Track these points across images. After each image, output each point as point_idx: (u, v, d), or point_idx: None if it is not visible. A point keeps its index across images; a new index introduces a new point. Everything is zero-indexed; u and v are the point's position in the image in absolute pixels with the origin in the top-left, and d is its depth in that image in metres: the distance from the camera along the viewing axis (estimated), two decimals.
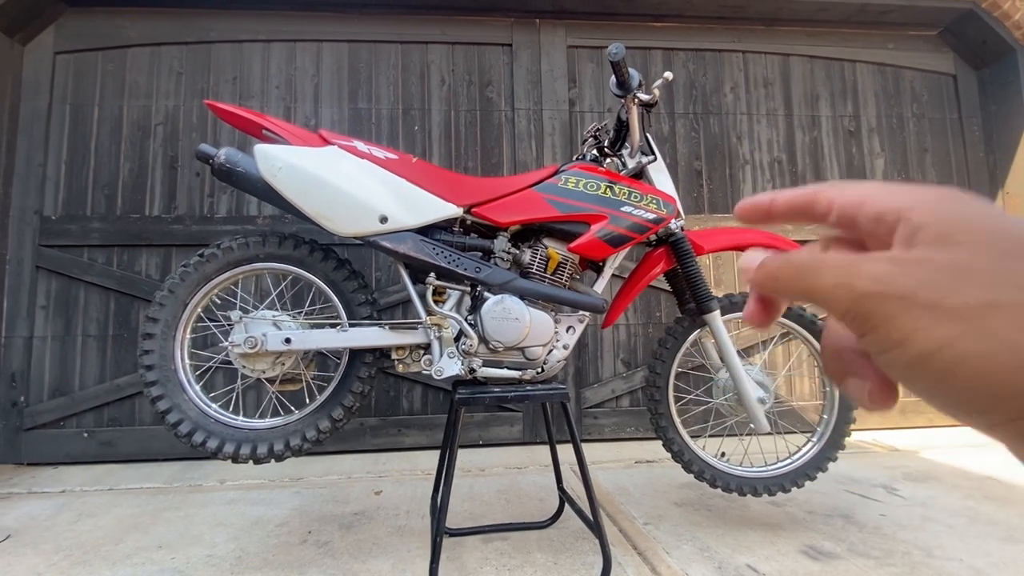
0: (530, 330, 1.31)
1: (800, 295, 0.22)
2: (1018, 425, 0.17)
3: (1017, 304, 0.16)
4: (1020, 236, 0.18)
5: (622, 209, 1.37)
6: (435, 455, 2.23)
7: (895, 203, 0.21)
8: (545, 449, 2.38)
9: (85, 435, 2.31)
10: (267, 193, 1.30)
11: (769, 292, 0.23)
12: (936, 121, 2.95)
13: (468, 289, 1.37)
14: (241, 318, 1.31)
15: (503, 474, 2.08)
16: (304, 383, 1.43)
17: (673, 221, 1.46)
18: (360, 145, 1.36)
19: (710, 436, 1.75)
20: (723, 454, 1.62)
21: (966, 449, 2.32)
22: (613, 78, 1.31)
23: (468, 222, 1.42)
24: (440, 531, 1.15)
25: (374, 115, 2.60)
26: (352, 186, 1.28)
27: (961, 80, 2.97)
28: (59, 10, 2.47)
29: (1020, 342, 0.16)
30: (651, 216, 1.38)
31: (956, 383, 0.17)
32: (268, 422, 1.36)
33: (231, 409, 1.38)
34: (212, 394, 1.41)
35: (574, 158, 1.53)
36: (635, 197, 1.38)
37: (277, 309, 1.40)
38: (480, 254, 1.39)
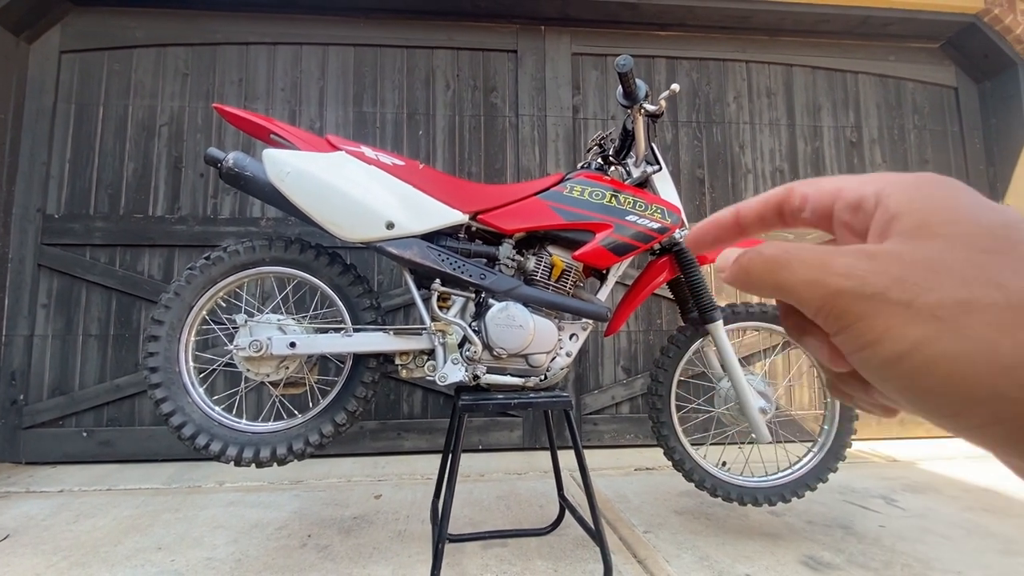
0: (534, 337, 1.32)
1: (771, 291, 0.20)
2: (994, 430, 0.16)
3: (994, 303, 0.16)
4: (998, 228, 0.17)
5: (627, 218, 1.37)
6: (435, 459, 2.23)
7: (872, 189, 0.20)
8: (544, 455, 2.39)
9: (84, 434, 2.30)
10: (274, 197, 1.31)
11: (742, 288, 0.22)
12: (937, 133, 2.97)
13: (473, 296, 1.37)
14: (246, 321, 1.31)
15: (503, 480, 2.08)
16: (307, 387, 1.43)
17: (677, 231, 1.46)
18: (367, 151, 1.37)
19: (711, 445, 1.76)
20: (724, 463, 1.62)
21: (965, 460, 2.32)
22: (620, 89, 1.31)
23: (473, 229, 1.42)
24: (443, 537, 1.15)
25: (379, 119, 2.61)
26: (359, 192, 1.29)
27: (962, 93, 2.99)
28: (65, 9, 2.47)
29: (996, 343, 0.15)
30: (656, 225, 1.39)
31: (930, 385, 0.16)
32: (271, 425, 1.36)
33: (234, 412, 1.38)
34: (214, 397, 1.41)
35: (579, 166, 1.54)
36: (640, 206, 1.39)
37: (282, 313, 1.40)
38: (485, 261, 1.40)
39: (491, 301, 1.34)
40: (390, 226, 1.30)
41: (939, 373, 0.16)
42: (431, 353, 1.36)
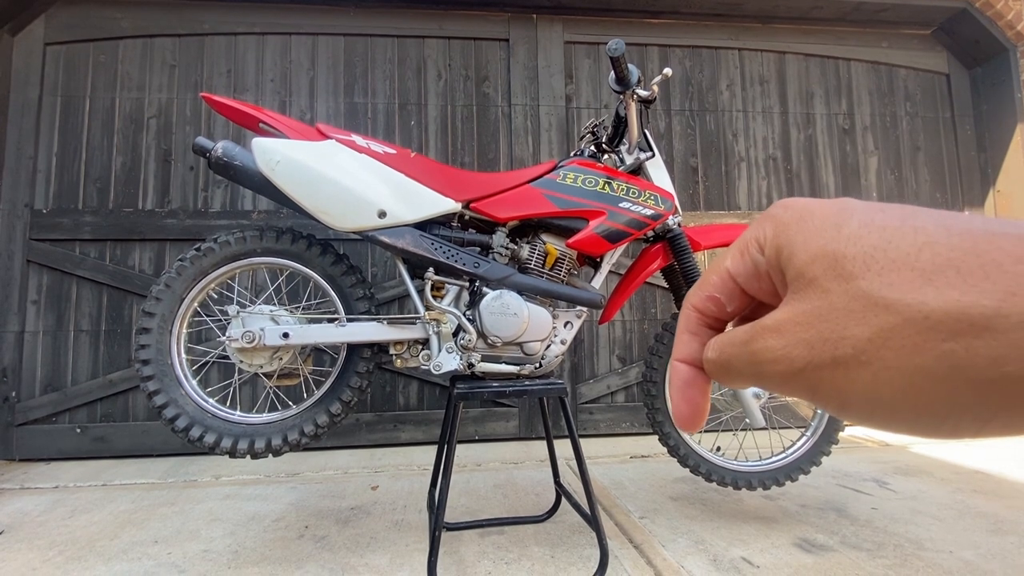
0: (528, 325, 1.32)
1: (737, 387, 0.21)
2: (992, 425, 0.16)
3: (893, 327, 0.16)
4: (848, 245, 0.17)
5: (620, 205, 1.37)
6: (431, 450, 2.24)
7: (751, 256, 0.20)
8: (540, 444, 2.40)
9: (78, 431, 2.29)
10: (264, 187, 1.29)
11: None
12: (929, 120, 2.98)
13: (466, 284, 1.37)
14: (238, 312, 1.30)
15: (499, 469, 2.09)
16: (302, 378, 1.43)
17: (671, 217, 1.46)
18: (358, 139, 1.35)
19: (705, 431, 1.77)
20: (718, 448, 1.63)
21: (955, 444, 2.35)
22: (612, 74, 1.30)
23: (466, 217, 1.42)
24: (439, 525, 1.16)
25: (370, 109, 2.59)
26: (351, 180, 1.28)
27: (954, 79, 3.00)
28: (49, 0, 2.43)
29: (920, 363, 0.15)
30: (649, 212, 1.39)
31: (907, 421, 0.17)
32: (265, 417, 1.36)
33: (228, 404, 1.38)
34: (208, 389, 1.41)
35: (572, 154, 1.53)
36: (633, 193, 1.39)
37: (274, 304, 1.39)
38: (478, 249, 1.39)
39: (485, 289, 1.33)
40: (382, 215, 1.29)
41: (906, 410, 0.16)
42: (425, 342, 1.36)
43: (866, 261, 0.17)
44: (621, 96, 1.35)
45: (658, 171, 1.47)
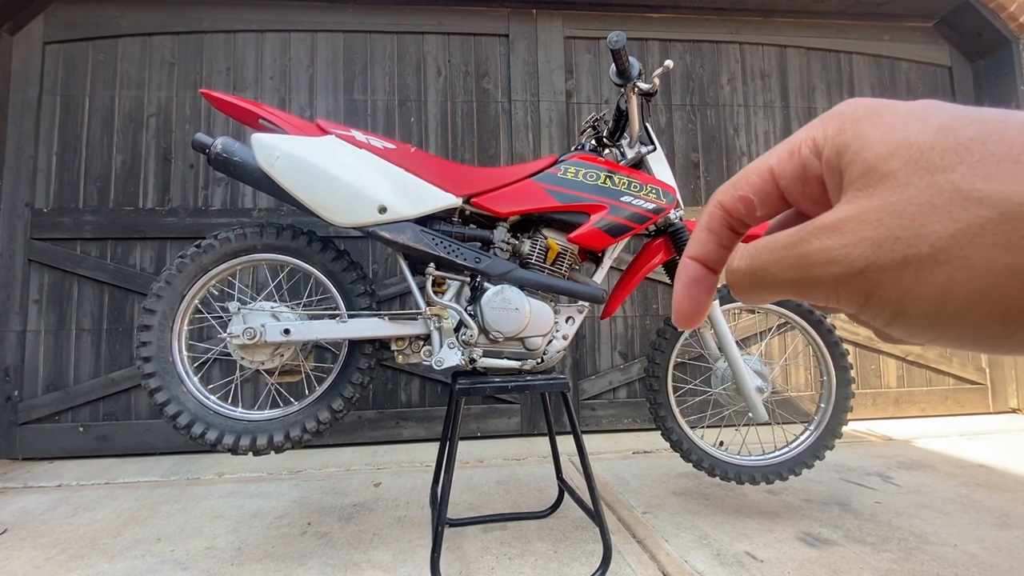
0: (530, 320, 1.31)
1: (769, 300, 0.19)
2: None
3: (987, 220, 0.14)
4: (935, 137, 0.16)
5: (622, 199, 1.36)
6: (433, 447, 2.24)
7: (804, 153, 0.18)
8: (543, 441, 2.39)
9: (80, 429, 2.29)
10: (264, 183, 1.29)
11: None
12: None
13: (468, 279, 1.36)
14: (239, 309, 1.30)
15: (502, 465, 2.09)
16: (303, 374, 1.42)
17: (673, 211, 1.46)
18: (358, 135, 1.35)
19: (708, 426, 1.76)
20: (721, 443, 1.63)
21: (959, 438, 2.34)
22: (613, 67, 1.30)
23: (467, 212, 1.41)
24: (442, 521, 1.15)
25: (370, 106, 2.58)
26: (351, 176, 1.27)
27: (956, 72, 2.98)
28: None
29: (1008, 264, 0.14)
30: (651, 206, 1.38)
31: (975, 329, 0.15)
32: (267, 413, 1.35)
33: (230, 401, 1.37)
34: (210, 386, 1.40)
35: (573, 148, 1.52)
36: (635, 187, 1.38)
37: (275, 300, 1.39)
38: (479, 244, 1.39)
39: (486, 285, 1.33)
40: (382, 210, 1.28)
41: (978, 312, 0.15)
42: (427, 338, 1.36)
43: (959, 153, 0.15)
44: (622, 89, 1.34)
45: (659, 165, 1.47)
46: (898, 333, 0.17)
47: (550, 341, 1.39)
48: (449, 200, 1.34)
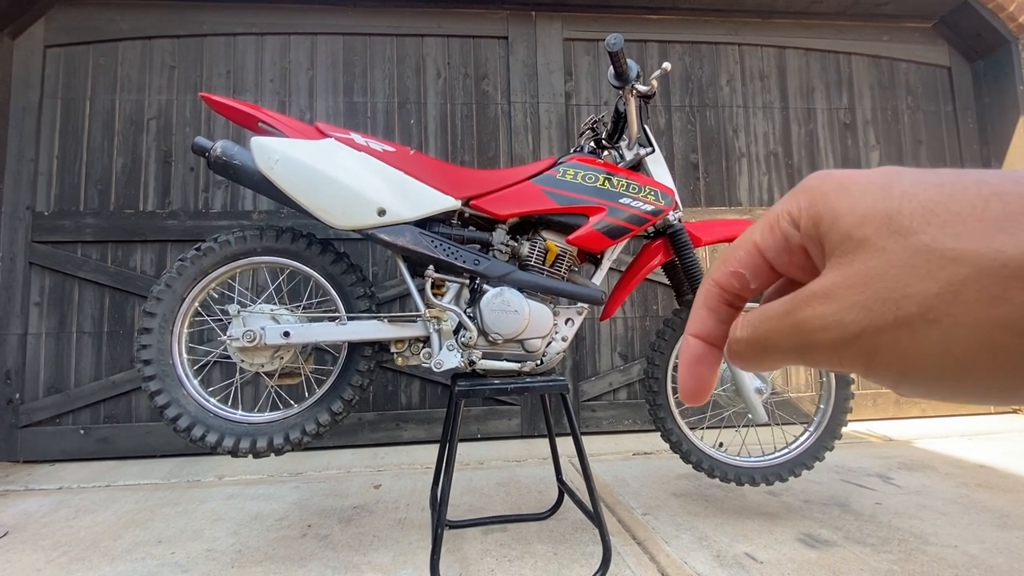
0: (529, 322, 1.31)
1: (775, 367, 0.20)
2: None
3: (967, 278, 0.14)
4: (900, 202, 0.16)
5: (620, 201, 1.37)
6: (433, 449, 2.24)
7: (784, 226, 0.19)
8: (543, 442, 2.39)
9: (81, 432, 2.30)
10: (264, 186, 1.29)
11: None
12: (931, 113, 2.97)
13: (467, 282, 1.36)
14: (239, 312, 1.30)
15: (502, 467, 2.09)
16: (303, 377, 1.43)
17: (671, 213, 1.46)
18: (357, 137, 1.35)
19: (708, 427, 1.76)
20: (721, 444, 1.63)
21: (959, 439, 2.34)
22: (611, 69, 1.30)
23: (466, 215, 1.41)
24: (441, 523, 1.16)
25: (370, 109, 2.58)
26: (350, 179, 1.27)
27: (956, 72, 2.98)
28: (49, 3, 2.43)
29: (999, 313, 0.14)
30: (649, 208, 1.38)
31: (982, 383, 0.15)
32: (267, 416, 1.36)
33: (230, 403, 1.38)
34: (210, 389, 1.41)
35: (571, 151, 1.52)
36: (633, 189, 1.38)
37: (275, 303, 1.39)
38: (479, 247, 1.39)
39: (485, 287, 1.33)
40: (381, 213, 1.28)
41: (981, 367, 0.15)
42: (426, 340, 1.36)
43: (925, 216, 0.15)
44: (620, 92, 1.34)
45: (658, 167, 1.47)
46: (911, 392, 0.17)
47: (549, 343, 1.39)
48: (448, 202, 1.34)
